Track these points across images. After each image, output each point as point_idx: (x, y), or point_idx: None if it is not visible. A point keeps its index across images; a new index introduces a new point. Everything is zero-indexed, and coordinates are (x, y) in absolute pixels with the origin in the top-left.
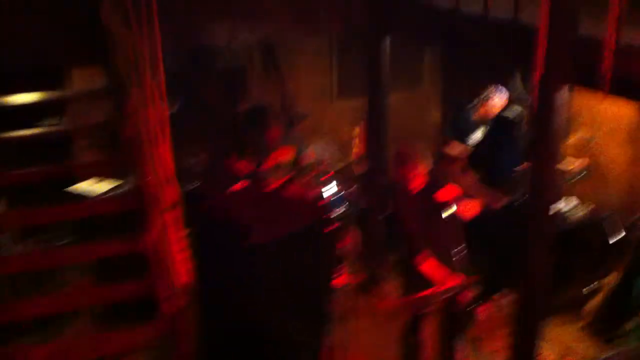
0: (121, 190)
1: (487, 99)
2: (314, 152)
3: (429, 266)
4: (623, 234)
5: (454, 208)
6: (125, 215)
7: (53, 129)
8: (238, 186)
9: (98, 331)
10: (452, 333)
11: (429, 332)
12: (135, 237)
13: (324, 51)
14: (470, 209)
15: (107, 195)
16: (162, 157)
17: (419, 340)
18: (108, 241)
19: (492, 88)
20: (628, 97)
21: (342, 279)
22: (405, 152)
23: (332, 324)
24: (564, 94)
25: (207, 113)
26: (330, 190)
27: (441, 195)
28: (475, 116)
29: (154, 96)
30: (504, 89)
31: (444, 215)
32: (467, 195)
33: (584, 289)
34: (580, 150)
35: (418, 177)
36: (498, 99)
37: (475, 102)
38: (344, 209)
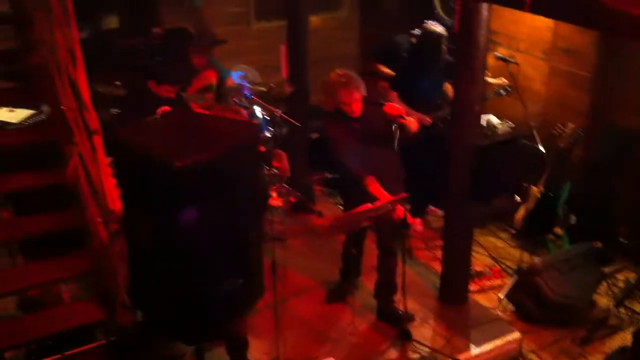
0: (36, 120)
1: (422, 27)
2: (236, 76)
3: (370, 185)
4: (541, 148)
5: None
6: (41, 145)
7: None
8: (160, 111)
9: (25, 263)
10: (389, 245)
11: (367, 246)
12: (55, 168)
13: None
14: (410, 125)
15: (21, 125)
16: (76, 84)
17: (358, 253)
18: (26, 173)
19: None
20: (545, 15)
21: (274, 201)
22: (340, 79)
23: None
24: (484, 12)
25: (118, 39)
26: (254, 113)
27: (387, 111)
28: (408, 43)
29: (62, 21)
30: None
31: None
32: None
33: (511, 200)
34: (499, 69)
35: (355, 102)
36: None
37: (411, 31)
38: (269, 132)
